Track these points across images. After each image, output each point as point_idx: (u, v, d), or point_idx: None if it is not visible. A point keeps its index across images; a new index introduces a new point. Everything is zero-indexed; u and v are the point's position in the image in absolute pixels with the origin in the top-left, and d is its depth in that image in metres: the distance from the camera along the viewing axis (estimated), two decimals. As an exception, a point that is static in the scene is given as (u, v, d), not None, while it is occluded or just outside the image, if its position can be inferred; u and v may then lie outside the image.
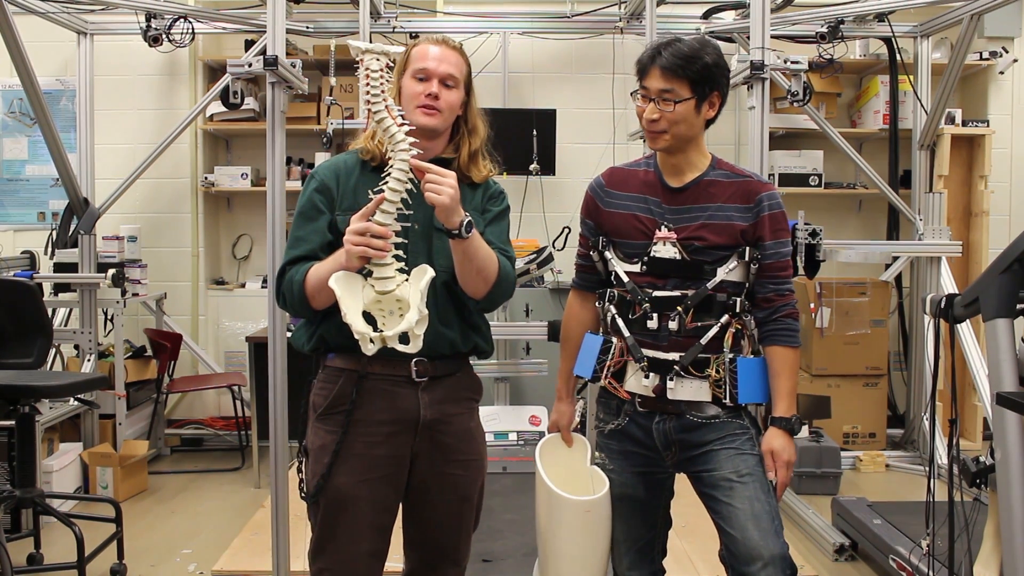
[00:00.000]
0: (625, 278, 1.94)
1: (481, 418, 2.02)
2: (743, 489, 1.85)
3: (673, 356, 1.89)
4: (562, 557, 1.98)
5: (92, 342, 4.39)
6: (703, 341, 1.89)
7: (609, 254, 1.98)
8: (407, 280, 1.72)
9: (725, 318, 1.90)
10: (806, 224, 3.71)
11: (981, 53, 5.05)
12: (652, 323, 1.90)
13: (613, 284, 1.99)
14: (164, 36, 4.53)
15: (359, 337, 1.68)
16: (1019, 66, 5.15)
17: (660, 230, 1.91)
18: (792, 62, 3.77)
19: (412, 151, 1.69)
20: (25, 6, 4.19)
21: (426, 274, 1.70)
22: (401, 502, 1.92)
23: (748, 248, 1.90)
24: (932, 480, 2.37)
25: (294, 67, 3.07)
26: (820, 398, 4.73)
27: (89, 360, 4.38)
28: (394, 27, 4.80)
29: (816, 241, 3.71)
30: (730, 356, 1.90)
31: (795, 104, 4.10)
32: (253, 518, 3.71)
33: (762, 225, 1.90)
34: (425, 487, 1.90)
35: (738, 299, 1.91)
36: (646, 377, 1.90)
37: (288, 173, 4.80)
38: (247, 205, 5.40)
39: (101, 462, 4.09)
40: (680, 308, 1.89)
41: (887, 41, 4.93)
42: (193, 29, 4.59)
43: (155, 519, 3.88)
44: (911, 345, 5.06)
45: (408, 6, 4.96)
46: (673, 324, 1.88)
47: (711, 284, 1.89)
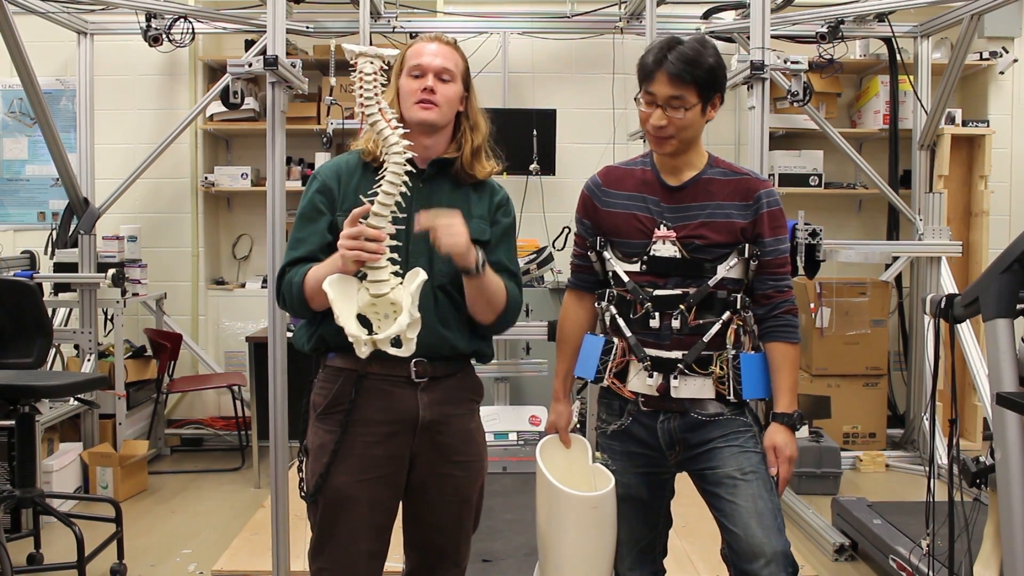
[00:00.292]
0: (625, 278, 1.94)
1: (481, 418, 2.01)
2: (746, 487, 1.85)
3: (676, 354, 1.89)
4: (568, 557, 1.94)
5: (92, 342, 4.39)
6: (705, 339, 1.89)
7: (608, 254, 1.98)
8: (402, 283, 1.72)
9: (727, 315, 1.91)
10: (806, 224, 3.71)
11: (981, 53, 5.05)
12: (654, 322, 1.90)
13: (611, 284, 1.99)
14: (164, 36, 4.53)
15: (352, 340, 1.68)
16: (1019, 66, 5.15)
17: (659, 229, 1.91)
18: (792, 62, 3.77)
19: (407, 154, 1.69)
20: (25, 6, 4.19)
21: (418, 277, 1.69)
22: (401, 502, 1.92)
23: (748, 245, 1.91)
24: (932, 480, 2.37)
25: (294, 67, 3.07)
26: (820, 398, 4.74)
27: (89, 360, 4.38)
28: (394, 27, 4.80)
29: (816, 241, 3.70)
30: (733, 352, 1.91)
31: (795, 104, 4.11)
32: (253, 518, 3.71)
33: (761, 222, 1.91)
34: (424, 488, 1.89)
35: (738, 296, 1.92)
36: (650, 376, 1.90)
37: (288, 173, 4.80)
38: (247, 205, 5.40)
39: (101, 462, 4.10)
40: (683, 306, 1.89)
41: (887, 41, 4.93)
42: (193, 29, 4.59)
43: (155, 519, 3.88)
44: (911, 345, 5.06)
45: (408, 6, 4.96)
46: (675, 322, 1.89)
47: (712, 282, 1.90)
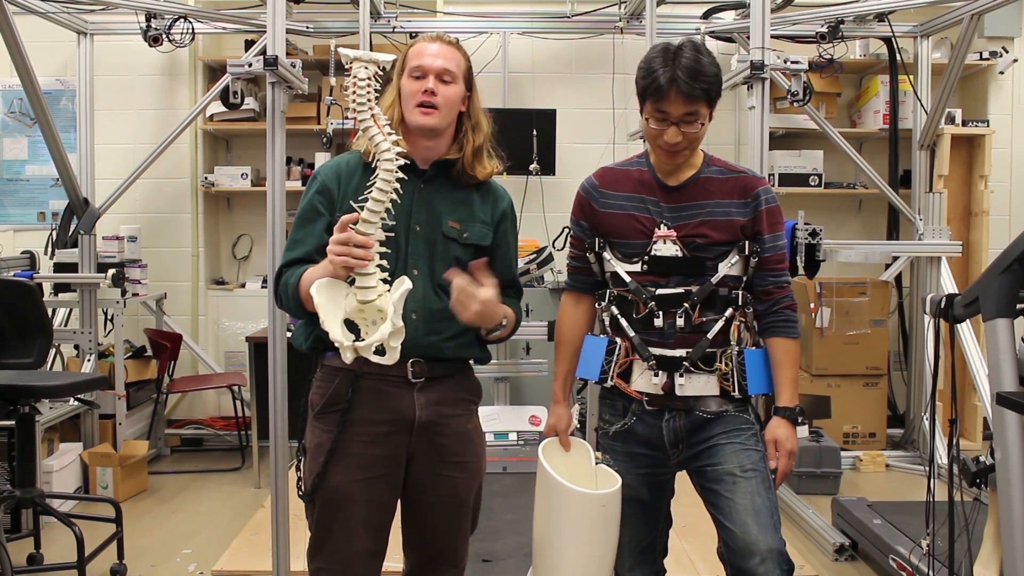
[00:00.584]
0: (627, 278, 1.94)
1: (481, 418, 2.01)
2: (745, 484, 1.86)
3: (680, 352, 1.90)
4: (572, 559, 1.90)
5: (92, 342, 4.39)
6: (710, 335, 1.90)
7: (607, 255, 1.98)
8: (389, 290, 1.70)
9: (729, 312, 1.92)
10: (806, 224, 3.71)
11: (981, 53, 5.05)
12: (658, 321, 1.91)
13: (610, 284, 1.99)
14: (164, 36, 4.53)
15: (338, 345, 1.67)
16: (1019, 66, 5.15)
17: (659, 228, 1.92)
18: (792, 62, 3.77)
19: (399, 161, 1.67)
20: (25, 6, 4.19)
21: (403, 285, 1.68)
22: (400, 502, 1.92)
23: (748, 242, 1.93)
24: (932, 480, 2.37)
25: (294, 67, 3.07)
26: (820, 398, 4.74)
27: (89, 360, 4.38)
28: (394, 27, 4.81)
29: (816, 241, 3.70)
30: (737, 349, 1.92)
31: (795, 104, 4.11)
32: (253, 518, 3.71)
33: (760, 219, 1.93)
34: (421, 488, 1.89)
35: (740, 293, 1.94)
36: (655, 375, 1.91)
37: (288, 173, 4.80)
38: (247, 205, 5.40)
39: (101, 462, 4.09)
40: (687, 304, 1.90)
41: (887, 41, 4.93)
42: (193, 29, 4.59)
43: (155, 519, 3.87)
44: (911, 345, 5.06)
45: (408, 6, 4.96)
46: (680, 321, 1.90)
47: (715, 279, 1.91)
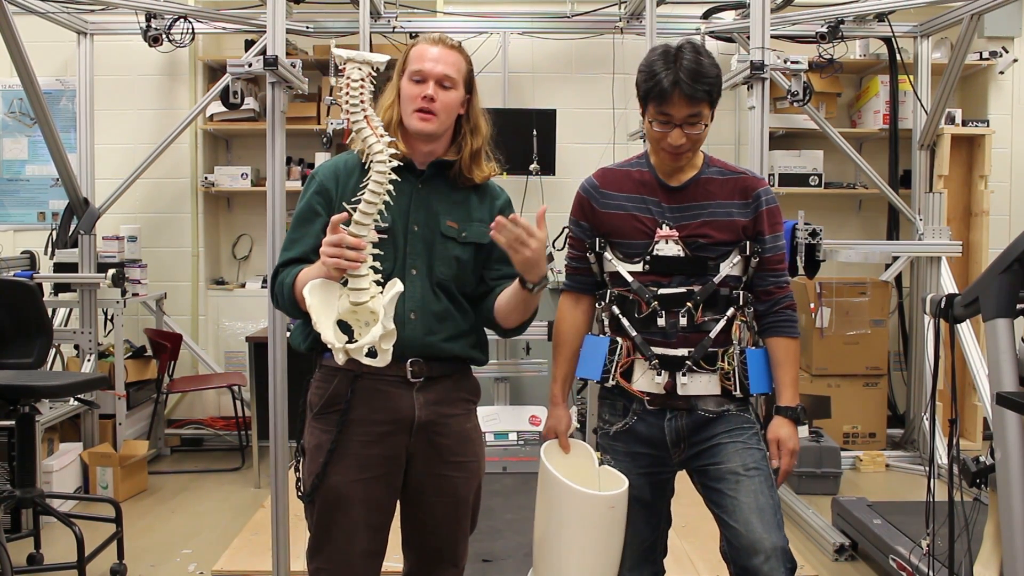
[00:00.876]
0: (629, 278, 1.94)
1: (481, 418, 2.01)
2: (748, 483, 1.86)
3: (682, 352, 1.91)
4: (580, 562, 1.89)
5: (92, 342, 4.39)
6: (712, 335, 1.91)
7: (608, 254, 1.98)
8: (382, 292, 1.69)
9: (731, 311, 1.93)
10: (806, 224, 3.71)
11: (981, 53, 5.05)
12: (661, 320, 1.91)
13: (609, 284, 2.00)
14: (164, 36, 4.53)
15: (330, 347, 1.66)
16: (1019, 66, 5.15)
17: (661, 228, 1.92)
18: (792, 62, 3.77)
19: (392, 163, 1.67)
20: (25, 6, 4.19)
21: (394, 288, 1.66)
22: (399, 502, 1.92)
23: (749, 242, 1.94)
24: (932, 480, 2.37)
25: (294, 67, 3.07)
26: (820, 398, 4.73)
27: (89, 360, 4.38)
28: (394, 27, 4.80)
29: (816, 241, 3.70)
30: (739, 348, 1.93)
31: (795, 104, 4.11)
32: (253, 518, 3.72)
33: (761, 220, 1.95)
34: (420, 488, 1.89)
35: (740, 292, 1.95)
36: (658, 375, 1.91)
37: (288, 173, 4.80)
38: (247, 205, 5.39)
39: (101, 462, 4.09)
40: (690, 304, 1.90)
41: (887, 41, 4.93)
42: (193, 29, 4.59)
43: (155, 519, 3.87)
44: (911, 345, 5.06)
45: (408, 6, 4.96)
46: (683, 320, 1.90)
47: (717, 279, 1.92)
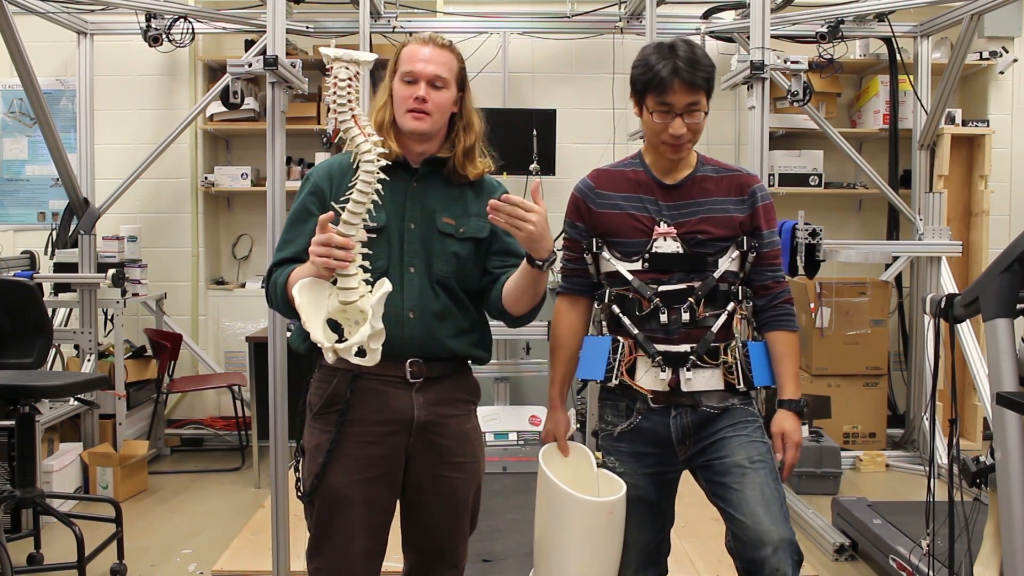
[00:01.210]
0: (629, 276, 1.95)
1: (481, 418, 2.01)
2: (754, 475, 1.87)
3: (685, 348, 1.92)
4: (578, 567, 1.88)
5: (92, 342, 4.39)
6: (713, 330, 1.92)
7: (606, 254, 1.98)
8: (371, 291, 1.68)
9: (731, 306, 1.95)
10: (806, 224, 3.71)
11: (981, 53, 5.05)
12: (663, 317, 1.91)
13: (607, 284, 2.00)
14: (164, 36, 4.53)
15: (320, 345, 1.66)
16: (1019, 66, 5.15)
17: (659, 226, 1.93)
18: (792, 62, 3.78)
19: (380, 162, 1.66)
20: (25, 6, 4.19)
21: (382, 288, 1.66)
22: (399, 503, 1.92)
23: (746, 238, 1.96)
24: (932, 480, 2.37)
25: (294, 67, 3.07)
26: (820, 398, 4.73)
27: (89, 360, 4.38)
28: (394, 27, 4.80)
29: (816, 241, 3.71)
30: (742, 341, 1.95)
31: (795, 104, 4.11)
32: (253, 518, 3.71)
33: (758, 215, 1.97)
34: (420, 489, 1.89)
35: (739, 287, 1.97)
36: (662, 371, 1.91)
37: (288, 173, 4.80)
38: (247, 205, 5.39)
39: (101, 462, 4.09)
40: (691, 299, 1.91)
41: (887, 41, 4.92)
42: (193, 29, 4.59)
43: (155, 519, 3.87)
44: (911, 345, 5.06)
45: (408, 6, 4.96)
46: (685, 316, 1.91)
47: (716, 275, 1.93)
